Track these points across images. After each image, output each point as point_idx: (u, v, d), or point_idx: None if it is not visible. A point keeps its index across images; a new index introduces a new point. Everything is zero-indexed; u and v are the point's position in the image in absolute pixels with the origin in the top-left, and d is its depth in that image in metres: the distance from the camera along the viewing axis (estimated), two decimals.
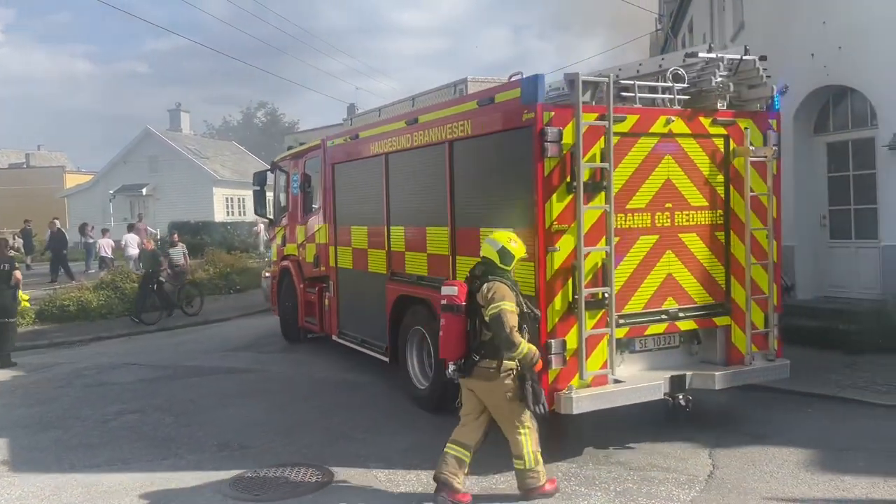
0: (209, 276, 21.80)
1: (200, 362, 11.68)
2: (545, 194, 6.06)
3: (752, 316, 6.90)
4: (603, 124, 6.14)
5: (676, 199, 6.68)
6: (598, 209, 6.20)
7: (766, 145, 6.96)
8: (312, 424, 7.68)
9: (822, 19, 10.97)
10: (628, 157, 6.45)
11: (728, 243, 6.93)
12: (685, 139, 6.70)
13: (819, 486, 5.54)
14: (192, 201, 40.47)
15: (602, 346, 6.24)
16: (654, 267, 6.60)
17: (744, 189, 6.85)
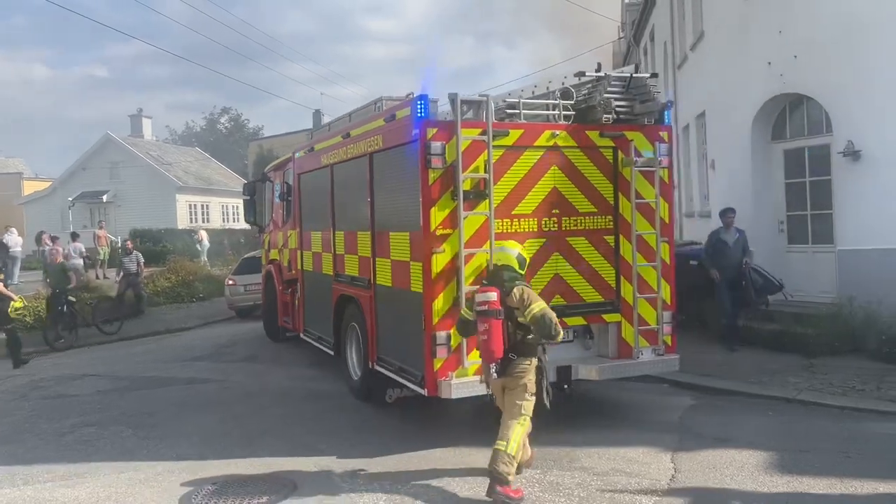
0: (171, 285, 21.48)
1: (160, 373, 11.46)
2: (430, 202, 6.74)
3: (643, 313, 7.49)
4: (485, 139, 6.79)
5: (563, 206, 7.31)
6: (480, 215, 6.84)
7: (656, 156, 7.52)
8: (274, 435, 7.56)
9: (778, 29, 11.20)
10: (514, 168, 7.10)
11: (617, 246, 7.52)
12: (572, 151, 7.31)
13: (778, 487, 5.61)
14: (155, 208, 39.84)
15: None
16: (541, 267, 7.18)
17: (631, 196, 7.41)
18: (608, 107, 7.42)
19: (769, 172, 11.87)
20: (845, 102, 10.45)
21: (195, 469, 6.59)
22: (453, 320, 6.57)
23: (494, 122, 6.98)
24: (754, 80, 11.81)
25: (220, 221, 44.42)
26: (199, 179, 45.20)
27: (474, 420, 7.73)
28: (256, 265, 18.27)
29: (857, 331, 9.75)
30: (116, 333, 15.90)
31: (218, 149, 62.35)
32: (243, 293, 17.91)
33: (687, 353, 10.41)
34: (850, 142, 10.19)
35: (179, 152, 49.68)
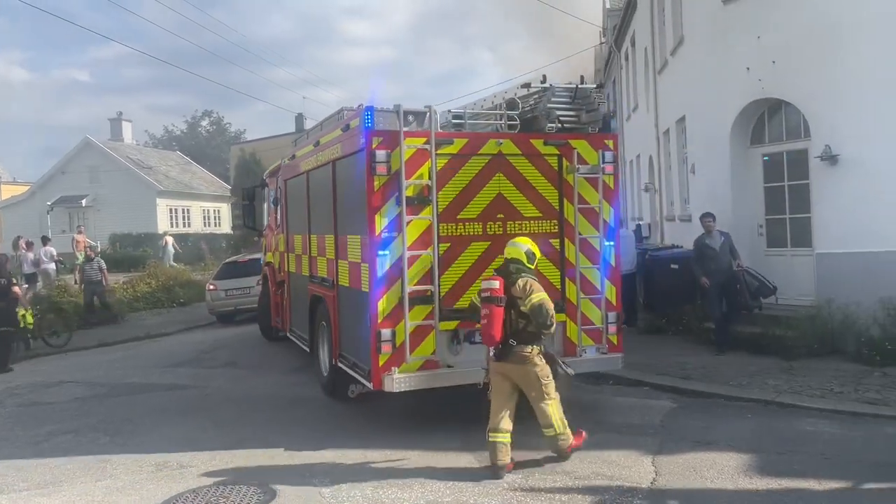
0: (151, 290, 21.31)
1: (139, 379, 11.34)
2: (375, 207, 7.20)
3: (587, 313, 7.85)
4: (429, 148, 7.23)
5: (508, 210, 7.67)
6: (425, 220, 7.28)
7: (600, 163, 7.87)
8: (254, 441, 7.49)
9: (756, 34, 11.31)
10: (459, 175, 7.51)
11: (563, 249, 7.85)
12: (517, 158, 7.69)
13: (758, 490, 5.65)
14: (135, 213, 39.50)
15: (431, 336, 7.32)
16: (487, 269, 7.36)
17: (575, 201, 7.80)
18: (551, 116, 7.83)
19: (748, 176, 11.98)
20: (822, 107, 10.58)
21: (175, 476, 6.53)
22: (398, 319, 7.17)
23: (439, 132, 7.47)
24: (733, 85, 11.92)
25: (201, 226, 44.13)
26: (180, 183, 44.87)
27: (454, 420, 7.73)
28: (237, 270, 18.21)
29: (835, 333, 9.85)
30: (65, 346, 14.98)
31: (199, 153, 61.90)
32: (224, 298, 17.78)
33: (667, 355, 10.56)
34: (828, 146, 10.31)
35: (160, 156, 49.30)
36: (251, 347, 13.91)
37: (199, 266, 28.50)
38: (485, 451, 6.42)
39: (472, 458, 6.59)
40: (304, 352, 10.77)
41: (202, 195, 46.22)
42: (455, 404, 8.48)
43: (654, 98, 18.31)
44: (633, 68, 23.00)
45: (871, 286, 9.70)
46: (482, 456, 6.51)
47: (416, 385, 7.26)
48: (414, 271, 7.27)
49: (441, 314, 7.38)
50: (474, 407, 8.40)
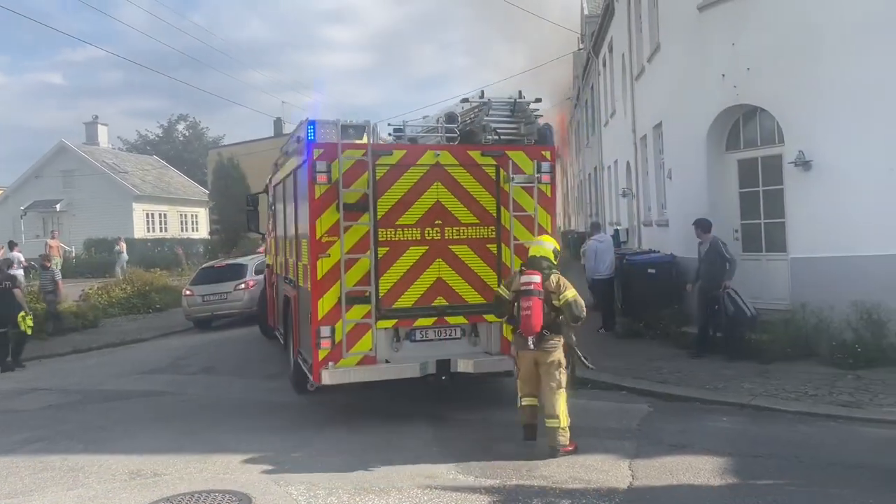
0: (126, 295, 21.07)
1: (113, 386, 11.20)
2: (316, 213, 7.80)
3: None
4: (367, 159, 7.84)
5: (446, 217, 8.20)
6: (363, 226, 7.86)
7: (535, 172, 8.33)
8: (229, 448, 7.40)
9: (731, 42, 11.45)
10: (398, 184, 8.07)
11: (500, 253, 8.34)
12: (455, 168, 8.21)
13: (733, 493, 5.69)
14: (110, 217, 39.06)
15: (369, 334, 7.89)
16: (425, 272, 8.11)
17: (510, 208, 8.25)
18: (488, 129, 8.46)
19: (724, 182, 12.11)
20: (796, 114, 10.72)
21: (149, 485, 6.43)
22: (336, 317, 7.78)
23: (377, 144, 8.19)
24: (709, 91, 12.05)
25: (178, 230, 43.72)
26: (157, 188, 44.48)
27: (434, 427, 7.72)
28: (214, 275, 18.07)
29: (809, 336, 9.97)
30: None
31: (176, 157, 61.33)
32: (201, 304, 17.63)
33: (645, 360, 10.62)
34: (801, 152, 10.45)
35: (136, 160, 48.80)
36: (228, 353, 13.80)
37: (177, 271, 28.20)
38: (465, 461, 6.56)
39: (452, 465, 6.57)
40: (282, 357, 11.14)
41: (179, 200, 45.83)
42: (436, 414, 8.48)
43: (632, 104, 18.45)
44: (611, 74, 23.17)
45: (844, 290, 9.83)
46: (462, 465, 6.55)
47: (352, 379, 7.85)
48: (352, 273, 7.86)
49: (379, 313, 7.93)
50: (454, 414, 8.43)
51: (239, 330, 16.98)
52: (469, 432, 7.62)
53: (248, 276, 17.80)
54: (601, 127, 26.58)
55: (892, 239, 9.74)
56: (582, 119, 36.42)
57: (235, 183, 31.85)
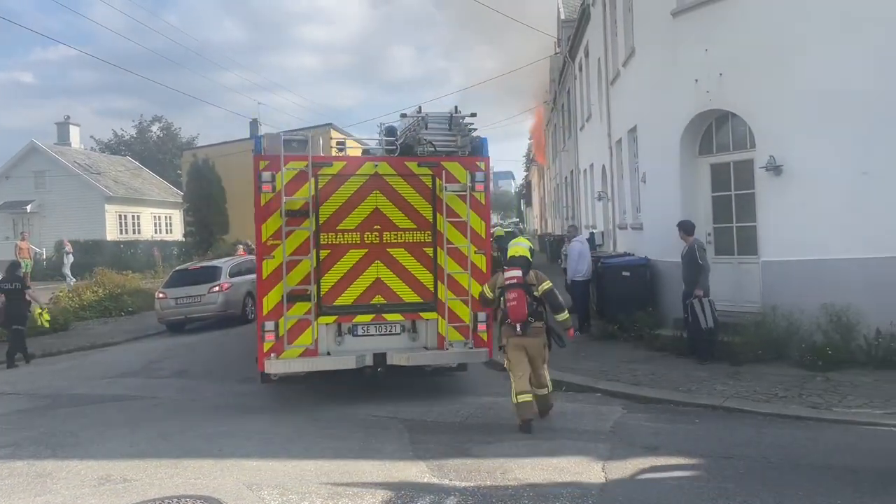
0: (98, 298, 20.78)
1: (84, 390, 11.04)
2: (261, 219, 8.67)
3: (457, 312, 9.03)
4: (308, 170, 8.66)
5: (384, 223, 8.96)
6: (305, 230, 8.68)
7: (468, 182, 9.01)
8: (202, 452, 7.32)
9: (704, 48, 11.58)
10: (338, 192, 8.90)
11: (435, 256, 9.07)
12: (393, 178, 8.99)
13: (704, 494, 5.74)
14: (82, 219, 38.47)
15: (310, 329, 8.70)
16: (364, 272, 8.95)
17: (448, 214, 9.00)
18: (422, 142, 9.20)
19: (696, 186, 12.24)
20: (767, 119, 10.87)
21: (119, 491, 6.33)
22: (279, 313, 8.59)
23: (318, 156, 8.96)
24: (682, 96, 12.17)
25: (151, 232, 43.20)
26: (130, 189, 43.88)
27: (408, 431, 7.70)
28: (188, 278, 17.89)
29: (780, 339, 10.10)
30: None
31: (149, 158, 60.58)
32: (174, 307, 17.43)
33: (619, 362, 10.69)
34: (772, 157, 10.60)
35: (109, 161, 48.10)
36: (201, 357, 13.66)
37: (150, 273, 27.85)
38: (437, 460, 6.57)
39: (425, 467, 6.56)
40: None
41: (153, 201, 45.27)
42: (413, 417, 8.47)
43: (607, 108, 18.59)
44: (587, 78, 23.33)
45: (813, 293, 9.98)
46: (437, 467, 6.53)
47: (292, 369, 8.75)
48: (295, 274, 8.69)
49: (320, 310, 8.78)
50: (430, 417, 8.42)
51: (213, 333, 16.82)
52: (445, 435, 7.62)
53: (223, 278, 17.65)
54: (577, 131, 26.74)
55: (860, 242, 9.92)
56: (559, 123, 36.61)
57: (210, 184, 31.54)
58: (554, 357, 7.92)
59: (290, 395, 9.85)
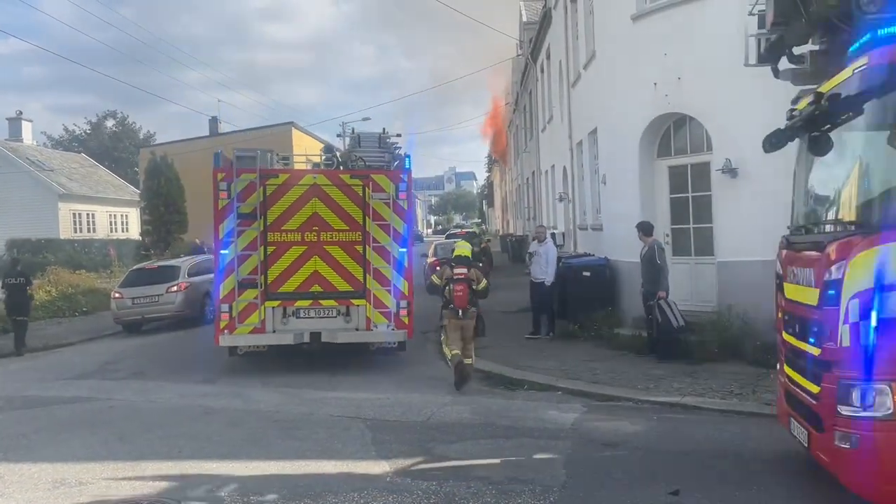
0: (51, 298, 20.27)
1: (37, 392, 10.76)
2: (219, 220, 10.79)
3: (382, 299, 10.94)
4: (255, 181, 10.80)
5: (322, 224, 10.91)
6: (254, 230, 10.74)
7: (391, 191, 10.98)
8: (161, 454, 7.21)
9: (663, 51, 11.79)
10: (283, 199, 10.90)
11: (365, 252, 10.94)
12: (329, 188, 10.98)
13: (662, 490, 5.84)
14: (35, 217, 37.39)
15: (257, 311, 10.77)
16: (304, 265, 10.89)
17: (374, 217, 10.91)
18: (354, 157, 11.68)
19: (655, 187, 12.45)
20: (722, 122, 11.12)
21: (73, 493, 6.20)
22: (232, 298, 10.68)
23: (266, 168, 11.12)
24: (642, 99, 12.37)
25: (107, 231, 42.27)
26: (85, 187, 42.86)
27: (371, 430, 7.69)
28: (145, 277, 17.59)
29: (735, 338, 10.33)
30: None
31: (104, 155, 59.19)
32: (131, 307, 17.11)
33: (579, 361, 10.82)
34: (728, 160, 10.83)
35: (63, 158, 46.91)
36: (159, 357, 13.44)
37: (105, 273, 27.25)
38: (400, 459, 6.65)
39: (388, 466, 6.56)
40: (217, 360, 11.84)
41: (108, 199, 44.29)
42: (376, 417, 8.46)
43: (568, 110, 18.79)
44: (549, 80, 23.55)
45: (767, 293, 10.19)
46: (399, 467, 6.56)
47: (240, 343, 11.04)
48: (245, 265, 10.77)
49: (266, 296, 10.82)
50: (393, 416, 8.43)
51: (171, 333, 16.56)
52: (407, 434, 7.62)
53: (181, 278, 17.39)
54: (539, 132, 26.97)
55: None
56: (521, 124, 36.85)
57: (169, 183, 30.98)
58: (516, 356, 8.08)
59: (252, 395, 9.76)
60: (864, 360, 4.36)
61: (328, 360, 11.37)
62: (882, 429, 4.35)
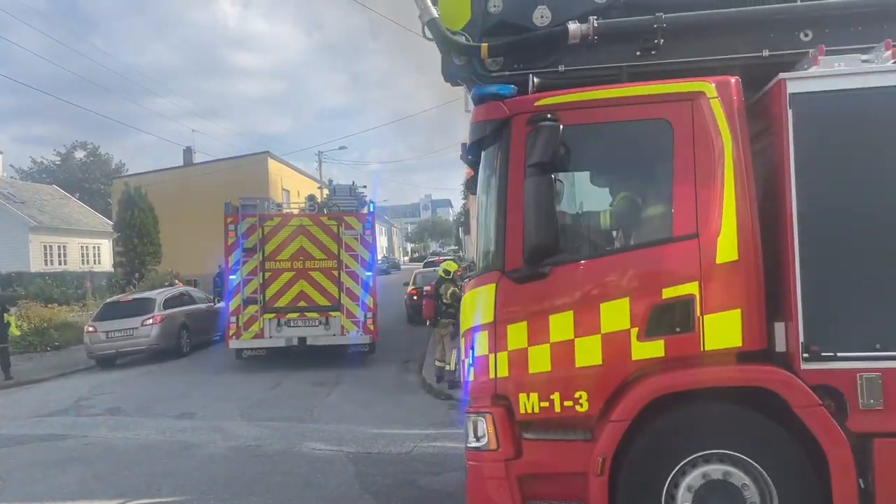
0: (21, 333, 19.85)
1: (9, 430, 10.50)
2: (228, 253, 14.70)
3: (352, 310, 14.44)
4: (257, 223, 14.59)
5: (306, 255, 14.51)
6: (255, 260, 14.45)
7: (360, 229, 14.60)
8: (139, 493, 7.06)
9: None
10: (277, 236, 14.56)
11: (339, 276, 14.49)
12: (312, 227, 14.66)
13: None
14: (5, 250, 36.75)
15: (259, 321, 14.39)
16: (293, 287, 14.49)
17: (346, 249, 14.52)
18: (330, 204, 16.13)
19: None
20: None
21: None
22: (239, 311, 14.40)
23: (265, 214, 14.96)
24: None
25: (79, 263, 41.64)
26: (56, 219, 42.27)
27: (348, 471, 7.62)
28: (120, 310, 17.32)
29: None
30: None
31: (75, 186, 58.47)
32: (104, 340, 16.81)
33: None
34: None
35: (34, 190, 46.30)
36: (135, 392, 13.20)
37: (77, 306, 26.76)
38: (384, 493, 6.55)
39: (371, 500, 6.49)
40: (195, 393, 12.02)
41: (80, 231, 43.73)
42: (359, 450, 8.39)
43: None
44: None
45: None
46: (381, 497, 6.48)
47: (246, 345, 14.79)
48: (249, 287, 14.47)
49: (265, 310, 14.44)
50: (377, 448, 8.36)
51: (146, 367, 16.30)
52: (391, 467, 7.55)
53: (157, 310, 17.15)
54: None
55: None
56: None
57: (142, 213, 30.68)
58: None
59: (231, 429, 9.63)
60: (470, 394, 4.53)
61: (310, 390, 11.24)
62: (478, 458, 4.42)
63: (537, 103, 4.39)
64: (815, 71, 4.20)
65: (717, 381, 4.13)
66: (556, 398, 4.25)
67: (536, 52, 4.80)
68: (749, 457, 4.07)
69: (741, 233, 4.14)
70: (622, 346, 4.17)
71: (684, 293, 4.13)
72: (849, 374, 4.03)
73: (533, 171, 4.15)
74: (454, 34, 4.83)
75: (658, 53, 4.69)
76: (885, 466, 3.98)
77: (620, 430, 4.10)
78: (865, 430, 4.02)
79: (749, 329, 4.10)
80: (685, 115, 4.26)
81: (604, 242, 4.66)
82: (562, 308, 4.26)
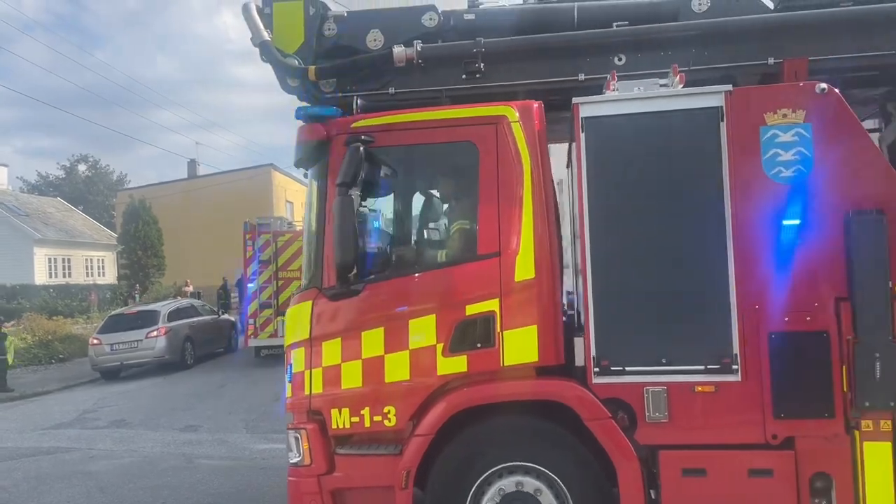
0: (26, 345, 19.93)
1: (15, 443, 10.55)
2: (247, 264, 16.52)
3: None
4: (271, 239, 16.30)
5: None
6: (270, 270, 16.10)
7: None
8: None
9: None
10: (288, 249, 16.07)
11: None
12: None
13: None
14: (10, 263, 36.83)
15: (273, 322, 15.89)
16: None
17: None
18: None
19: None
20: None
21: None
22: (256, 314, 16.15)
23: (278, 231, 16.64)
24: None
25: (83, 276, 41.78)
26: (61, 231, 42.42)
27: None
28: (125, 322, 17.40)
29: None
30: None
31: (79, 199, 58.70)
32: (109, 353, 16.87)
33: None
34: None
35: (39, 203, 46.50)
36: (139, 404, 13.24)
37: (82, 318, 26.85)
38: None
39: None
40: (198, 407, 11.76)
41: (85, 244, 43.88)
42: None
43: None
44: None
45: None
46: None
47: (263, 343, 16.43)
48: (265, 293, 16.10)
49: (278, 312, 15.61)
50: None
51: (151, 379, 16.35)
52: None
53: (161, 322, 17.22)
54: None
55: None
56: None
57: (147, 226, 30.83)
58: None
59: (237, 442, 9.65)
60: (288, 410, 4.62)
61: None
62: (295, 474, 4.52)
63: (353, 125, 4.53)
64: (606, 96, 4.29)
65: (514, 395, 4.24)
66: (367, 413, 4.35)
67: (366, 74, 4.92)
68: (543, 466, 4.21)
69: (538, 251, 4.25)
70: (428, 362, 4.27)
71: (486, 310, 4.24)
72: (636, 388, 4.13)
73: (337, 192, 4.22)
74: (287, 56, 4.92)
75: (482, 77, 4.79)
76: (670, 478, 4.08)
77: (424, 445, 4.21)
78: (652, 442, 4.13)
79: (544, 344, 4.22)
80: (489, 137, 4.38)
81: (415, 260, 4.73)
82: (373, 324, 4.39)
